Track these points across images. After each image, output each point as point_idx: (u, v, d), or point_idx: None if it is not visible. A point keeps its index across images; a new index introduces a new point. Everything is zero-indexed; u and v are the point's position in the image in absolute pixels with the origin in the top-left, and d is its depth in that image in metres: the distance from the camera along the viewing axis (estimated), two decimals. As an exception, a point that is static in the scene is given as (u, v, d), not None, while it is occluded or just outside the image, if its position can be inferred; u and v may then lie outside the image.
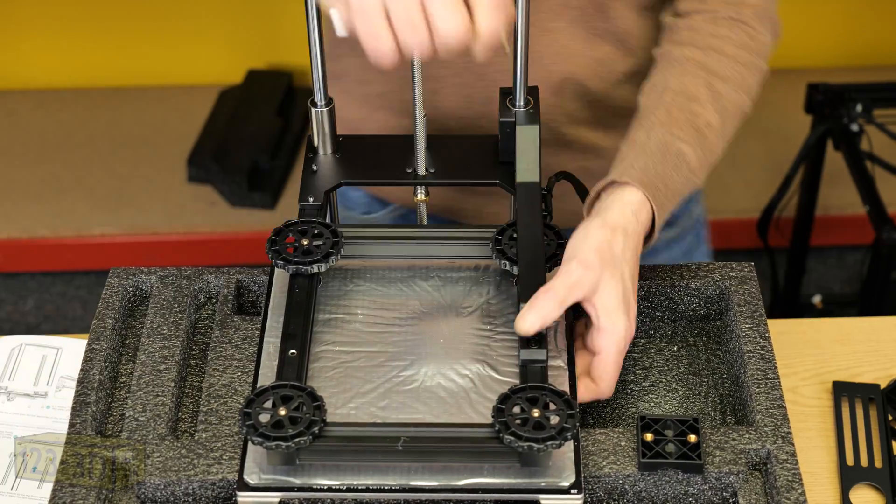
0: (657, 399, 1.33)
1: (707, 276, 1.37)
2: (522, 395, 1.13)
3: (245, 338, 1.32)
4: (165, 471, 1.19)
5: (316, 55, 1.29)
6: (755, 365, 1.28)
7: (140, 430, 1.22)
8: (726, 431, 1.22)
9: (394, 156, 1.36)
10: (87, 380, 1.27)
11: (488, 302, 1.28)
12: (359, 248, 1.30)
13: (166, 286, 1.36)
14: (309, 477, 1.14)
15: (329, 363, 1.22)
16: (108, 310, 1.34)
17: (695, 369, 1.35)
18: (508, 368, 1.21)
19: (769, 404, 1.24)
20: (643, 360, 1.36)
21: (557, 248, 1.27)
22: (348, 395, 1.19)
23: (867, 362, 1.40)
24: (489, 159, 1.35)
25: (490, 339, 1.24)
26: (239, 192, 2.79)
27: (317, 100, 1.32)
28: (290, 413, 1.12)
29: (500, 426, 1.11)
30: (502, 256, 1.26)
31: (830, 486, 1.28)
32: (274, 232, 1.27)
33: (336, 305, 1.28)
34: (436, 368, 1.22)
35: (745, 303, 1.34)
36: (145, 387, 1.27)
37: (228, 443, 1.21)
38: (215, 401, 1.26)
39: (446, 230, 1.33)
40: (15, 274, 2.92)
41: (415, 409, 1.18)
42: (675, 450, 1.19)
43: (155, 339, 1.31)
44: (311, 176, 1.34)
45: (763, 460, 1.21)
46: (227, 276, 1.37)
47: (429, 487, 1.13)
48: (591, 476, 1.19)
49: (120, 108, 3.04)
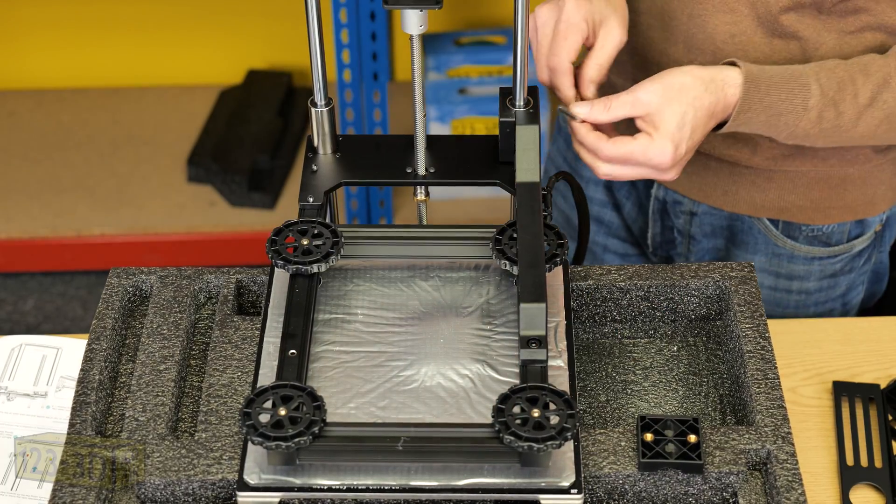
0: (657, 399, 1.33)
1: (707, 275, 1.37)
2: (522, 395, 1.13)
3: (245, 338, 1.32)
4: (165, 471, 1.19)
5: (316, 55, 1.29)
6: (755, 365, 1.28)
7: (140, 430, 1.22)
8: (726, 431, 1.22)
9: (394, 156, 1.36)
10: (86, 380, 1.27)
11: (488, 302, 1.28)
12: (359, 247, 1.30)
13: (166, 286, 1.36)
14: (309, 477, 1.14)
15: (329, 363, 1.22)
16: (108, 310, 1.34)
17: (695, 369, 1.35)
18: (508, 368, 1.21)
19: (769, 404, 1.24)
20: (643, 359, 1.36)
21: (557, 248, 1.27)
22: (348, 395, 1.19)
23: (867, 362, 1.40)
24: (489, 159, 1.35)
25: (490, 339, 1.24)
26: (239, 192, 2.78)
27: (317, 100, 1.32)
28: (290, 413, 1.12)
29: (500, 426, 1.11)
30: (502, 256, 1.26)
31: (830, 486, 1.28)
32: (274, 232, 1.27)
33: (336, 305, 1.28)
34: (436, 368, 1.22)
35: (746, 303, 1.33)
36: (145, 387, 1.27)
37: (228, 443, 1.21)
38: (215, 401, 1.26)
39: (446, 230, 1.32)
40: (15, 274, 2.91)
41: (415, 409, 1.18)
42: (675, 450, 1.19)
43: (155, 339, 1.31)
44: (310, 176, 1.34)
45: (763, 460, 1.21)
46: (227, 276, 1.37)
47: (429, 487, 1.13)
48: (591, 476, 1.19)
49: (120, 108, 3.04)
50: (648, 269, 1.37)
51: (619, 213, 1.68)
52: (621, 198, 1.66)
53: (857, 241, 1.57)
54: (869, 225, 1.57)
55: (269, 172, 2.82)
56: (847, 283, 1.61)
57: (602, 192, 1.67)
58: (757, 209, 1.55)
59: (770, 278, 1.58)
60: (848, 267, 1.59)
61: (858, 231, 1.57)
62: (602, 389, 1.34)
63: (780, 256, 1.57)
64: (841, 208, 1.54)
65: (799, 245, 1.56)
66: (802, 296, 1.59)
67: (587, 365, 1.36)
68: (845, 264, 1.59)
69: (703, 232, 1.59)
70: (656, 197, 1.61)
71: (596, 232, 1.70)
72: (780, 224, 1.55)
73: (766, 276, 1.58)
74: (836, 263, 1.58)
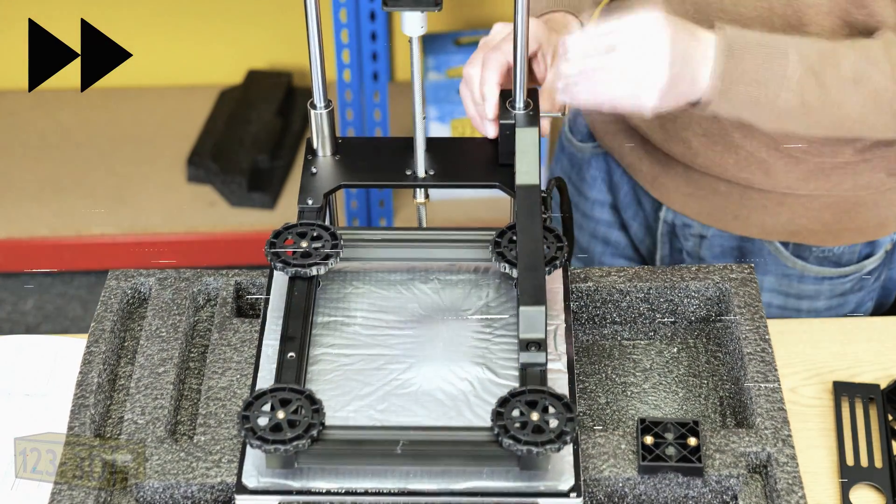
0: (657, 401, 1.32)
1: (707, 277, 1.36)
2: (522, 398, 1.13)
3: (244, 340, 1.31)
4: (164, 474, 1.18)
5: (316, 56, 1.29)
6: (755, 367, 1.28)
7: (139, 433, 1.22)
8: (726, 434, 1.22)
9: (393, 158, 1.36)
10: (85, 382, 1.27)
11: (488, 305, 1.28)
12: (358, 250, 1.30)
13: (165, 288, 1.36)
14: (307, 480, 1.13)
15: (328, 366, 1.22)
16: (106, 312, 1.34)
17: (695, 371, 1.35)
18: (508, 372, 1.21)
19: (769, 407, 1.24)
20: (643, 362, 1.36)
21: (557, 250, 1.26)
22: (347, 398, 1.19)
23: (867, 362, 1.40)
24: (489, 161, 1.35)
25: (489, 342, 1.24)
26: (239, 192, 2.78)
27: (316, 102, 1.32)
28: (288, 416, 1.12)
29: (500, 430, 1.11)
30: (502, 259, 1.25)
31: (830, 486, 1.28)
32: (273, 234, 1.27)
33: (335, 308, 1.27)
34: (435, 371, 1.21)
35: (746, 304, 1.33)
36: (144, 389, 1.26)
37: (227, 446, 1.21)
38: (214, 403, 1.26)
39: (445, 233, 1.32)
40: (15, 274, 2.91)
41: (414, 412, 1.18)
42: (675, 453, 1.19)
43: (154, 342, 1.31)
44: (310, 178, 1.34)
45: (763, 463, 1.21)
46: (225, 278, 1.37)
47: (428, 491, 1.13)
48: (590, 479, 1.19)
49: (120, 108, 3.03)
50: (648, 270, 1.37)
51: (627, 233, 1.67)
52: (628, 218, 1.65)
53: (868, 261, 1.57)
54: (879, 245, 1.56)
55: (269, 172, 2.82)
56: (856, 301, 1.60)
57: (608, 212, 1.66)
58: (768, 233, 1.54)
59: (780, 298, 1.57)
60: (858, 286, 1.59)
61: (868, 251, 1.56)
62: (602, 391, 1.34)
63: (790, 277, 1.56)
64: (852, 231, 1.53)
65: (809, 266, 1.55)
66: (812, 315, 1.58)
67: (587, 367, 1.36)
68: (855, 283, 1.58)
69: (713, 253, 1.58)
70: (665, 220, 1.60)
71: (602, 252, 1.69)
72: (791, 245, 1.54)
73: (776, 296, 1.57)
74: (847, 283, 1.57)
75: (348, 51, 2.51)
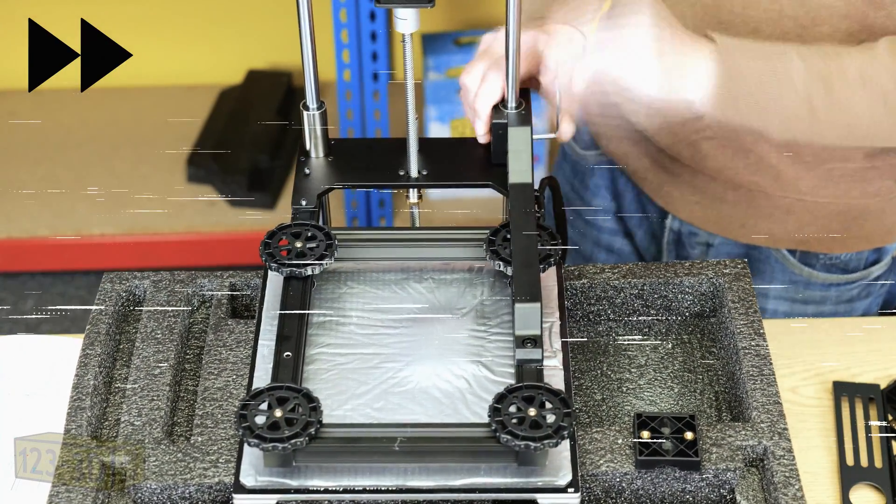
0: (653, 396, 1.33)
1: (701, 272, 1.36)
2: (518, 394, 1.13)
3: (239, 341, 1.32)
4: (162, 475, 1.19)
5: (308, 58, 1.29)
6: (750, 361, 1.28)
7: (136, 435, 1.22)
8: (723, 428, 1.22)
9: (386, 158, 1.36)
10: (81, 385, 1.27)
11: (482, 303, 1.28)
12: (352, 250, 1.30)
13: (160, 290, 1.36)
14: (305, 479, 1.14)
15: (324, 365, 1.22)
16: (101, 315, 1.34)
17: (690, 366, 1.35)
18: (503, 369, 1.21)
19: (765, 400, 1.24)
20: (638, 357, 1.36)
21: (550, 248, 1.27)
22: (344, 396, 1.19)
23: (867, 362, 1.40)
24: (482, 161, 1.35)
25: (485, 339, 1.24)
26: (239, 192, 2.79)
27: (308, 103, 1.32)
28: (285, 415, 1.12)
29: (497, 425, 1.11)
30: (496, 257, 1.26)
31: (830, 486, 1.28)
32: (267, 235, 1.27)
33: (330, 308, 1.28)
34: (431, 369, 1.22)
35: (740, 299, 1.33)
36: (140, 391, 1.27)
37: (224, 446, 1.21)
38: (211, 404, 1.26)
39: (439, 232, 1.32)
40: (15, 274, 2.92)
41: (411, 410, 1.18)
42: (672, 447, 1.19)
43: (149, 344, 1.31)
44: (303, 179, 1.34)
45: (760, 456, 1.21)
46: (220, 279, 1.37)
47: (426, 488, 1.13)
48: (588, 475, 1.19)
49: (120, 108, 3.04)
50: (642, 267, 1.37)
51: (631, 241, 1.66)
52: (632, 226, 1.65)
53: (875, 267, 1.56)
54: (886, 252, 1.56)
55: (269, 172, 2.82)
56: (863, 307, 1.60)
57: (612, 220, 1.65)
58: (775, 241, 1.53)
59: (786, 304, 1.57)
60: (865, 292, 1.58)
61: (875, 257, 1.56)
62: (597, 388, 1.34)
63: (796, 283, 1.56)
64: (859, 238, 1.53)
65: (816, 272, 1.55)
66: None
67: (582, 364, 1.36)
68: (862, 290, 1.58)
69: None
70: (671, 228, 1.60)
71: (606, 261, 1.68)
72: (798, 253, 1.54)
73: (782, 303, 1.57)
74: (854, 289, 1.57)
75: (348, 51, 2.52)
